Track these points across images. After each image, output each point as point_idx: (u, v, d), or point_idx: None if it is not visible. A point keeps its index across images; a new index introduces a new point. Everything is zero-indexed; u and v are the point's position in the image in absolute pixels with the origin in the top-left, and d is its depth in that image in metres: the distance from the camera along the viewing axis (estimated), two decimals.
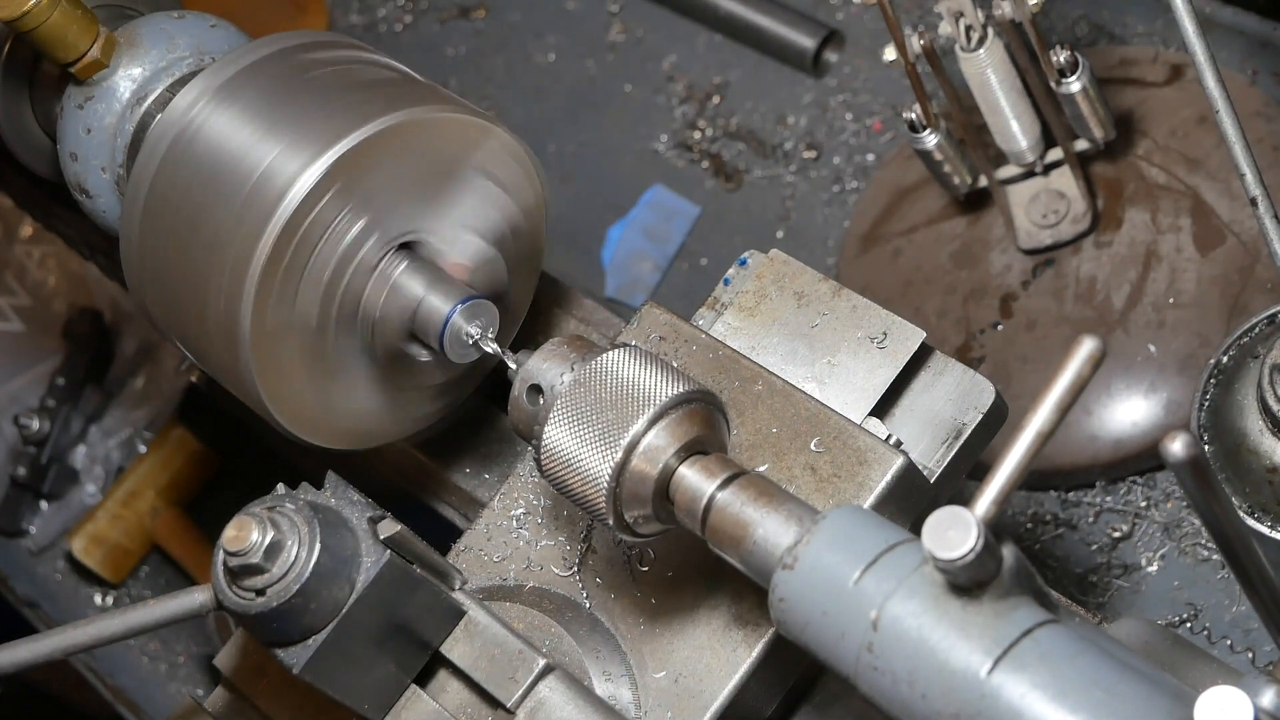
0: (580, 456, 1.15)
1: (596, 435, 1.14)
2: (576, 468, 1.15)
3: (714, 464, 1.14)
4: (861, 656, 0.97)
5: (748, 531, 1.10)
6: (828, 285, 1.40)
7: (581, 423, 1.15)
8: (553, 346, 1.21)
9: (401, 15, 2.50)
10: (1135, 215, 1.84)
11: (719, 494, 1.12)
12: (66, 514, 2.28)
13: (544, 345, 1.21)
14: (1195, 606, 1.70)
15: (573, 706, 1.20)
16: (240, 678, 1.35)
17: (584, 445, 1.15)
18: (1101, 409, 1.77)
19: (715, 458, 1.15)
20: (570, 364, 1.18)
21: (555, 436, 1.16)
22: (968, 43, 1.74)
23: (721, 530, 1.12)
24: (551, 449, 1.16)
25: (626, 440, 1.13)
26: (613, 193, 2.22)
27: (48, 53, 1.41)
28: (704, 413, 1.16)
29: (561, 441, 1.16)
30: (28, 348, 2.39)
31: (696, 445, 1.15)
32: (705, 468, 1.14)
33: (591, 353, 1.18)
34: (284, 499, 1.20)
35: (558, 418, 1.16)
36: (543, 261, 1.46)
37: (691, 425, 1.15)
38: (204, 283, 1.30)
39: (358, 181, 1.28)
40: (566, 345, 1.20)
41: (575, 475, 1.15)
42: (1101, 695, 0.92)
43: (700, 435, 1.15)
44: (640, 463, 1.14)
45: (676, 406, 1.15)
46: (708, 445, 1.16)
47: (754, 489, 1.12)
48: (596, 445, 1.14)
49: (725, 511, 1.12)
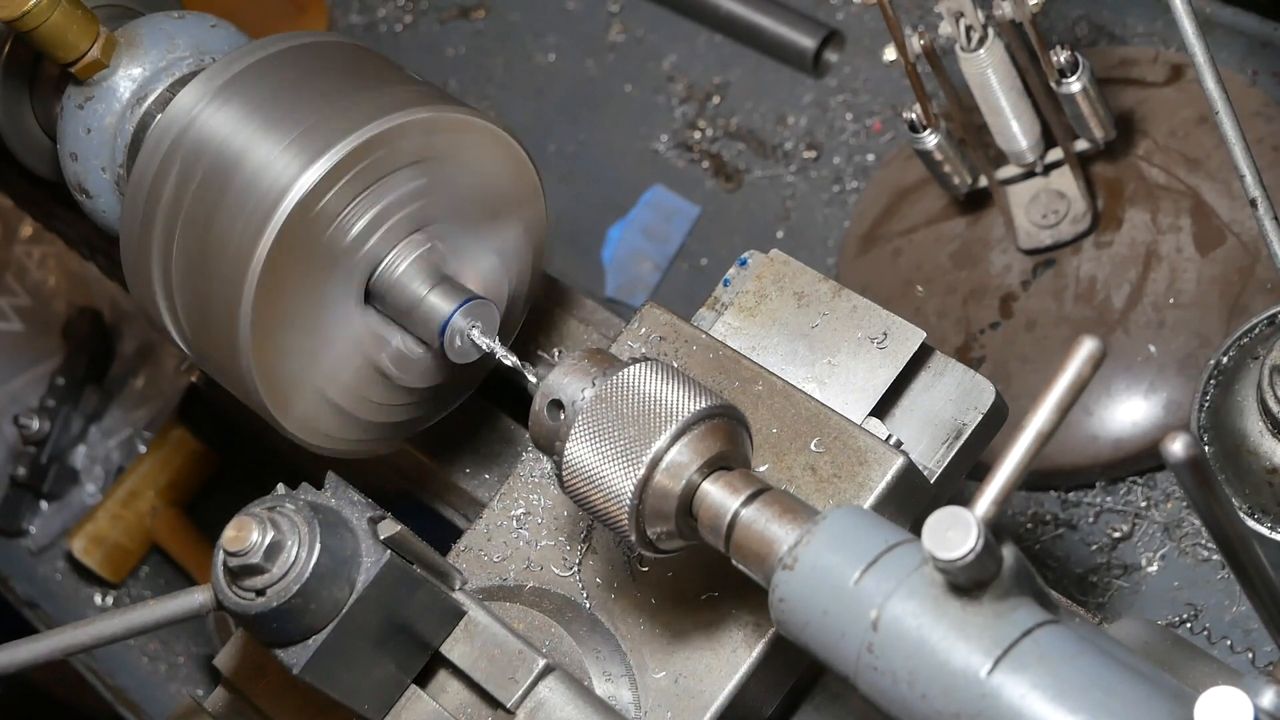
0: (603, 472, 1.14)
1: (619, 451, 1.13)
2: (599, 484, 1.14)
3: (737, 480, 1.13)
4: (861, 656, 0.97)
5: (773, 549, 1.08)
6: (828, 285, 1.40)
7: (604, 438, 1.14)
8: (574, 361, 1.19)
9: (401, 15, 2.50)
10: (1135, 215, 1.84)
11: (743, 510, 1.11)
12: (66, 514, 2.28)
13: (565, 360, 1.19)
14: (1195, 607, 1.70)
15: (573, 707, 1.20)
16: (240, 678, 1.35)
17: (606, 461, 1.13)
18: (1101, 409, 1.77)
19: (739, 474, 1.14)
20: (592, 379, 1.17)
21: (577, 452, 1.15)
22: (968, 43, 1.74)
23: (746, 547, 1.10)
24: (574, 465, 1.15)
25: (649, 456, 1.12)
26: (613, 193, 2.22)
27: (48, 53, 1.41)
28: (727, 428, 1.15)
29: (584, 458, 1.15)
30: (28, 348, 2.39)
31: (720, 461, 1.14)
32: (729, 484, 1.13)
33: (613, 367, 1.17)
34: (284, 499, 1.20)
35: (580, 433, 1.15)
36: (544, 243, 1.45)
37: (715, 441, 1.14)
38: (204, 283, 1.30)
39: (358, 181, 1.28)
40: (588, 360, 1.19)
41: (598, 491, 1.14)
42: (1101, 696, 0.92)
43: (723, 450, 1.14)
44: (663, 479, 1.13)
45: (699, 422, 1.13)
46: (731, 461, 1.15)
47: (779, 505, 1.11)
48: (619, 461, 1.13)
49: (750, 529, 1.10)
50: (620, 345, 1.40)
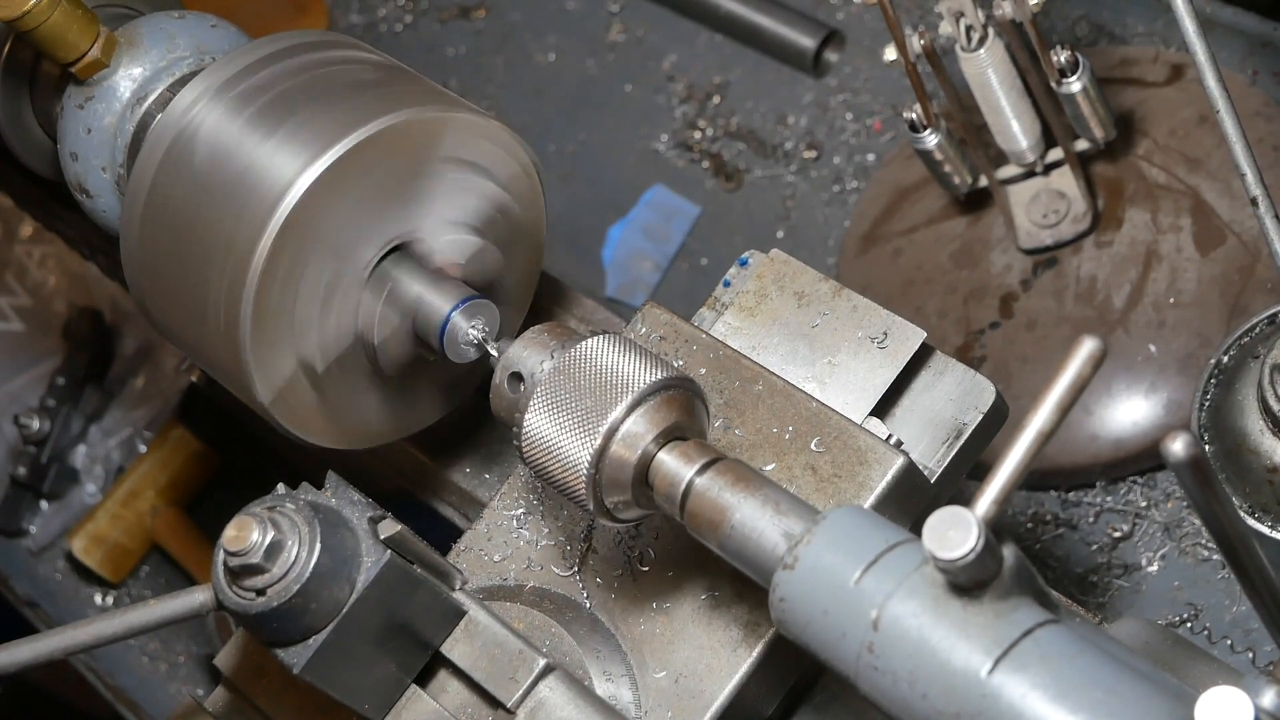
0: (560, 443, 1.16)
1: (576, 422, 1.15)
2: (556, 454, 1.16)
3: (692, 450, 1.15)
4: (862, 656, 0.97)
5: (725, 516, 1.11)
6: (828, 285, 1.40)
7: (561, 410, 1.16)
8: (534, 334, 1.22)
9: (401, 15, 2.50)
10: (1136, 215, 1.84)
11: (697, 479, 1.13)
12: (66, 514, 2.28)
13: (525, 333, 1.22)
14: (1195, 606, 1.70)
15: (573, 706, 1.20)
16: (240, 678, 1.35)
17: (564, 432, 1.16)
18: (1102, 409, 1.77)
19: (694, 443, 1.16)
20: (550, 351, 1.19)
21: (535, 423, 1.17)
22: (968, 43, 1.74)
23: (700, 515, 1.13)
24: (532, 435, 1.17)
25: (605, 426, 1.14)
26: (613, 193, 2.22)
27: (48, 53, 1.41)
28: (683, 399, 1.17)
29: (541, 428, 1.17)
30: (28, 348, 2.39)
31: (675, 431, 1.16)
32: (684, 453, 1.15)
33: (572, 340, 1.20)
34: (284, 499, 1.20)
35: (538, 405, 1.17)
36: (544, 240, 1.45)
37: (670, 411, 1.16)
38: (204, 283, 1.30)
39: (360, 179, 1.28)
40: (547, 333, 1.22)
41: (555, 461, 1.16)
42: (1102, 695, 0.92)
43: (679, 421, 1.16)
44: (619, 449, 1.15)
45: (655, 393, 1.16)
46: (687, 431, 1.17)
47: (731, 474, 1.13)
48: (576, 432, 1.15)
49: (704, 496, 1.13)
50: None
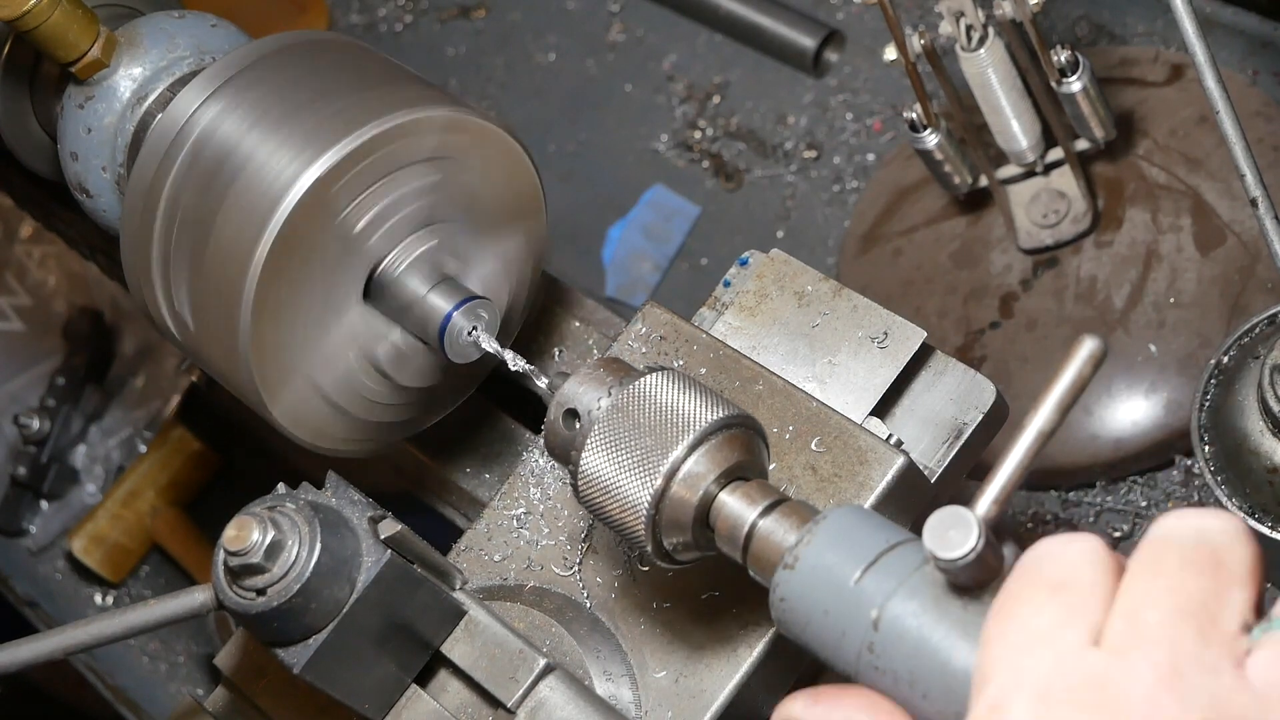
0: (619, 483, 1.12)
1: (635, 462, 1.12)
2: (615, 494, 1.13)
3: (755, 490, 1.12)
4: (862, 656, 0.97)
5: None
6: (828, 285, 1.40)
7: (620, 449, 1.13)
8: (589, 370, 1.18)
9: (401, 15, 2.50)
10: (1136, 215, 1.84)
11: (760, 521, 1.10)
12: (66, 514, 2.28)
13: (580, 368, 1.18)
14: None
15: (573, 706, 1.20)
16: (240, 678, 1.35)
17: (623, 472, 1.12)
18: (1102, 409, 1.77)
19: (756, 484, 1.13)
20: (608, 388, 1.15)
21: (593, 462, 1.14)
22: (968, 42, 1.74)
23: (764, 558, 1.09)
24: (589, 475, 1.14)
25: (666, 467, 1.11)
26: (613, 193, 2.22)
27: (48, 52, 1.41)
28: (744, 438, 1.14)
29: (600, 468, 1.13)
30: (28, 348, 2.39)
31: (737, 471, 1.13)
32: (746, 494, 1.11)
33: (629, 376, 1.16)
34: (284, 499, 1.20)
35: (595, 444, 1.14)
36: (545, 240, 1.45)
37: (732, 451, 1.13)
38: (204, 282, 1.30)
39: (364, 177, 1.28)
40: (603, 369, 1.17)
41: (614, 502, 1.13)
42: None
43: (741, 461, 1.13)
44: (680, 489, 1.11)
45: (717, 432, 1.12)
46: (748, 471, 1.14)
47: (797, 516, 1.09)
48: (635, 472, 1.12)
49: (768, 540, 1.09)
50: (621, 345, 1.40)
